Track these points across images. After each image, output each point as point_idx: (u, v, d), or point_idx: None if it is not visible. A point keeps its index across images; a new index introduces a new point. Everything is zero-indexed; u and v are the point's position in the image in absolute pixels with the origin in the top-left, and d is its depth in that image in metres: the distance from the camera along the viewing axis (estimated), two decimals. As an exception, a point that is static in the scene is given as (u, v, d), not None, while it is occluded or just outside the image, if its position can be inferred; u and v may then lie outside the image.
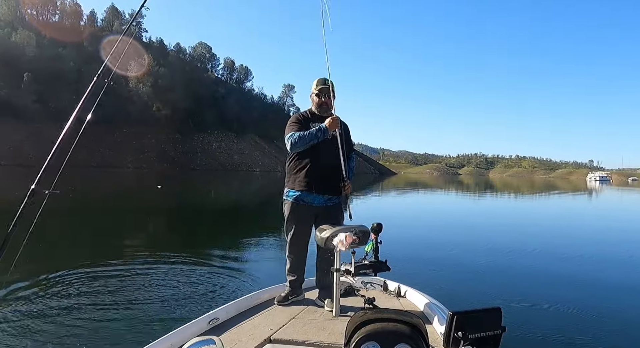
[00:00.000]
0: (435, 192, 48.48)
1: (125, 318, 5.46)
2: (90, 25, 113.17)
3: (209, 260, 8.94)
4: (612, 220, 23.16)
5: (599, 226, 19.95)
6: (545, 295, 7.32)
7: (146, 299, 6.28)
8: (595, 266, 10.14)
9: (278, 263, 8.35)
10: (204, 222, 16.82)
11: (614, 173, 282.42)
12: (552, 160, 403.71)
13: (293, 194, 3.91)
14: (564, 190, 67.55)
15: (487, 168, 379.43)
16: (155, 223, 15.62)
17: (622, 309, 6.68)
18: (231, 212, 21.33)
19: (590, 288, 8.07)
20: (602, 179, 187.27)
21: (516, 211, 28.12)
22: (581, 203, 40.11)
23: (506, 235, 14.75)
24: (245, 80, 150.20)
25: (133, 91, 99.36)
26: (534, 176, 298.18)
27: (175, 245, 11.03)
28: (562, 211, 29.62)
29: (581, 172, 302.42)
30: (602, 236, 16.01)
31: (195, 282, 7.29)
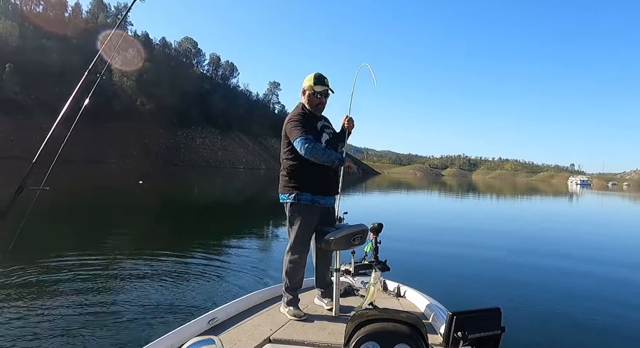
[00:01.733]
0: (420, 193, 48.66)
1: (124, 318, 5.42)
2: (75, 17, 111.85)
3: (208, 260, 8.91)
4: (605, 223, 23.67)
5: (593, 227, 20.29)
6: (545, 295, 7.36)
7: (145, 299, 6.23)
8: (594, 266, 10.20)
9: (275, 262, 8.47)
10: (189, 219, 16.62)
11: (595, 178, 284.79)
12: (534, 163, 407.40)
13: (308, 197, 3.72)
14: (546, 193, 68.11)
15: (470, 170, 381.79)
16: (138, 221, 15.42)
17: (622, 308, 6.73)
18: (216, 209, 21.24)
19: (590, 287, 8.13)
20: (583, 183, 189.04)
21: (509, 212, 28.36)
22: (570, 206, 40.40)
23: (506, 236, 14.82)
24: (231, 76, 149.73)
25: (117, 85, 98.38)
26: (516, 178, 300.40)
27: (169, 244, 10.88)
28: (556, 213, 30.00)
29: (562, 176, 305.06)
30: (599, 237, 16.20)
31: (194, 282, 7.26)
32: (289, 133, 3.72)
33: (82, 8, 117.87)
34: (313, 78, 3.81)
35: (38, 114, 77.56)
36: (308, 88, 3.82)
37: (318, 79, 3.81)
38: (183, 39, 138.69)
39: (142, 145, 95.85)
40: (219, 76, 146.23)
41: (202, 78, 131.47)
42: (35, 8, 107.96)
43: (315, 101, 3.83)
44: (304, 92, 3.86)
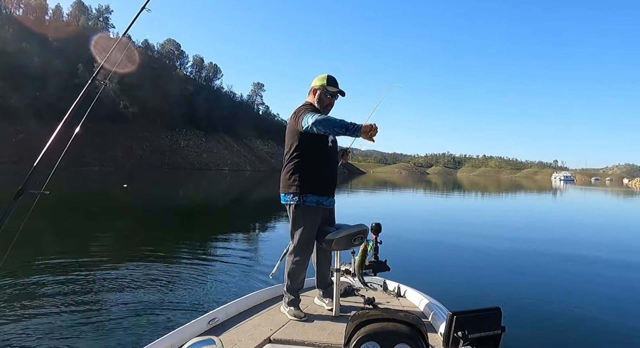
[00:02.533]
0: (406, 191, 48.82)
1: (124, 318, 5.42)
2: (56, 20, 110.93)
3: (207, 261, 8.96)
4: (600, 220, 23.68)
5: (589, 225, 20.44)
6: (545, 294, 7.34)
7: (145, 300, 6.24)
8: (594, 265, 10.19)
9: (274, 262, 8.45)
10: (183, 221, 16.65)
11: (578, 173, 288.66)
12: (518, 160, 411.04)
13: (313, 199, 3.67)
14: (531, 189, 68.76)
15: (455, 168, 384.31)
16: (132, 224, 15.33)
17: (622, 308, 6.72)
18: (210, 211, 21.32)
19: (590, 287, 8.12)
20: (567, 179, 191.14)
21: (504, 211, 28.40)
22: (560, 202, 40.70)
23: (505, 235, 14.74)
24: (215, 78, 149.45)
25: (99, 87, 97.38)
26: (500, 175, 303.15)
27: (167, 245, 10.84)
28: (549, 211, 30.17)
29: (546, 172, 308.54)
30: (598, 235, 16.21)
31: (194, 282, 7.26)
32: (298, 118, 3.56)
33: (63, 11, 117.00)
34: (326, 78, 3.78)
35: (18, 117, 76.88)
36: (319, 87, 3.76)
37: (331, 80, 3.78)
38: (166, 41, 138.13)
39: (126, 148, 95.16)
40: (203, 78, 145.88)
41: (186, 80, 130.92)
42: (15, 11, 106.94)
43: (325, 101, 3.78)
44: (315, 91, 3.78)
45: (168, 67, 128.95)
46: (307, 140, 3.65)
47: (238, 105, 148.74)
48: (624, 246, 13.31)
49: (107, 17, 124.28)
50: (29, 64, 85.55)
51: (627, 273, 9.50)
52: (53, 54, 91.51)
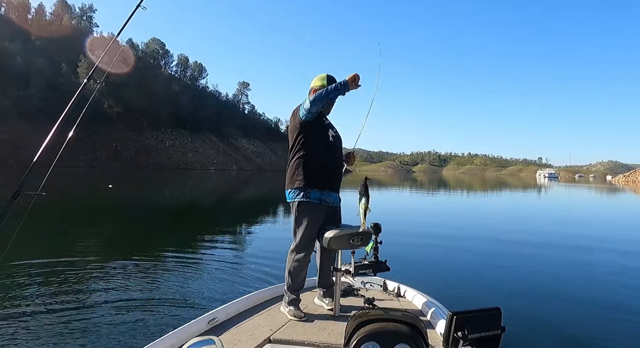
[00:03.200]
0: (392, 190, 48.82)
1: (124, 318, 5.41)
2: (39, 19, 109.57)
3: (207, 261, 8.94)
4: (596, 217, 23.71)
5: (588, 223, 20.42)
6: (545, 294, 7.32)
7: (145, 300, 6.23)
8: (594, 264, 10.16)
9: (274, 262, 8.48)
10: (176, 221, 16.62)
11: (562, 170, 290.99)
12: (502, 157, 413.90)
13: (316, 195, 3.72)
14: (517, 187, 69.17)
15: (440, 166, 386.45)
16: (125, 225, 15.24)
17: (622, 307, 6.69)
18: (201, 211, 21.27)
19: (590, 286, 8.11)
20: (551, 176, 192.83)
21: (498, 210, 28.23)
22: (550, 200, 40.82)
23: (505, 235, 14.66)
24: (200, 77, 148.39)
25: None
26: (485, 173, 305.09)
27: (165, 245, 10.78)
28: (543, 209, 30.15)
29: (531, 169, 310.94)
30: (596, 234, 16.12)
31: (194, 282, 7.26)
32: (296, 113, 3.78)
33: (46, 9, 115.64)
34: (326, 78, 3.84)
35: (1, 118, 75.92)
36: (320, 87, 3.80)
37: (331, 80, 3.82)
38: (150, 40, 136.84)
39: (111, 148, 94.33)
40: (188, 77, 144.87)
41: (171, 79, 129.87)
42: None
43: (330, 102, 3.86)
44: (314, 91, 3.81)
45: (153, 66, 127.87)
46: (307, 136, 3.77)
47: (223, 104, 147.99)
48: (623, 245, 13.27)
49: (91, 16, 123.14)
50: (11, 63, 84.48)
51: (627, 272, 9.49)
52: (36, 53, 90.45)
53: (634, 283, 8.43)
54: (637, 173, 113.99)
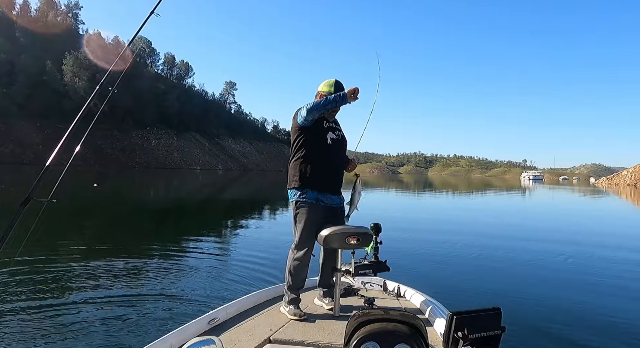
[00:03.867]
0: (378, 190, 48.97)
1: (124, 318, 5.40)
2: (24, 16, 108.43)
3: (207, 261, 8.92)
4: (592, 217, 24.11)
5: (585, 223, 20.63)
6: (545, 294, 7.32)
7: (145, 300, 6.21)
8: (594, 264, 10.21)
9: (273, 262, 8.54)
10: (168, 221, 16.61)
11: (546, 172, 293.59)
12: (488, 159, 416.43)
13: (313, 195, 3.77)
14: (504, 188, 69.62)
15: (426, 167, 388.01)
16: (118, 224, 15.12)
17: (623, 307, 6.72)
18: (189, 211, 21.05)
19: (590, 286, 8.12)
20: (536, 178, 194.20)
21: (494, 209, 28.45)
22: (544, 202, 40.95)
23: (505, 235, 14.69)
24: (186, 76, 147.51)
25: (68, 85, 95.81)
26: (470, 174, 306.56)
27: (162, 245, 10.81)
28: (540, 210, 30.37)
29: (515, 171, 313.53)
30: (593, 233, 16.26)
31: (194, 282, 7.25)
32: (295, 117, 3.87)
33: (31, 6, 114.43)
34: (334, 84, 3.89)
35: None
36: (326, 93, 3.87)
37: (339, 87, 3.88)
38: (136, 38, 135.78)
39: (96, 147, 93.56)
40: (174, 76, 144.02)
41: (157, 78, 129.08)
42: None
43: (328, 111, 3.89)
44: (321, 96, 3.89)
45: (139, 65, 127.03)
46: (305, 138, 3.84)
47: (210, 104, 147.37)
48: (621, 245, 13.36)
49: (77, 13, 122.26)
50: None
51: (627, 271, 9.55)
52: (21, 50, 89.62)
53: (634, 283, 8.48)
54: (620, 176, 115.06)
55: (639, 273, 9.51)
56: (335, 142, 3.90)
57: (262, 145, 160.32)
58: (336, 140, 3.91)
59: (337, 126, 4.01)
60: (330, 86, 3.90)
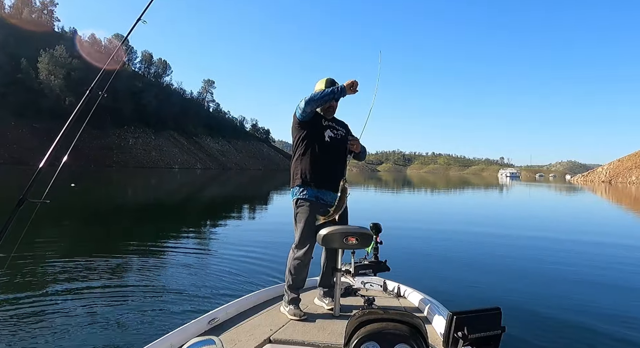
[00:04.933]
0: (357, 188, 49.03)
1: (124, 318, 5.40)
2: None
3: (207, 260, 8.98)
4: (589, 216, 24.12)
5: (583, 222, 20.66)
6: (545, 294, 7.32)
7: (145, 299, 6.21)
8: (595, 264, 10.17)
9: (271, 262, 8.58)
10: (154, 220, 16.59)
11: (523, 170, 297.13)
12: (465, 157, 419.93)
13: (312, 193, 3.81)
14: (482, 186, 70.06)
15: (405, 165, 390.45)
16: (110, 224, 15.00)
17: (623, 306, 6.72)
18: (179, 210, 21.19)
19: (590, 286, 8.14)
20: (513, 175, 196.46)
21: (491, 209, 28.40)
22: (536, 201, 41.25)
23: (505, 235, 14.64)
24: (164, 74, 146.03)
25: (44, 83, 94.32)
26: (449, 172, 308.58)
27: (161, 244, 10.85)
28: (539, 207, 30.58)
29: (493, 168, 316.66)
30: (592, 233, 16.13)
31: (194, 282, 7.23)
32: (294, 114, 3.91)
33: (5, 2, 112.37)
34: (326, 83, 3.91)
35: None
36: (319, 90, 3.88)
37: (331, 84, 3.88)
38: (113, 36, 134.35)
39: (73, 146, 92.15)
40: (152, 74, 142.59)
41: (134, 76, 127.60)
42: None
43: (326, 104, 3.90)
44: None
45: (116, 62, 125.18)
46: (303, 136, 3.89)
47: (188, 102, 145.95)
48: (621, 244, 13.44)
49: (52, 10, 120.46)
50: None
51: (627, 271, 9.57)
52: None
53: (634, 283, 8.55)
54: (595, 173, 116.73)
55: (638, 273, 9.58)
56: (334, 140, 3.92)
57: (241, 144, 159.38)
58: (334, 138, 3.93)
59: (336, 125, 4.02)
60: (322, 84, 3.94)
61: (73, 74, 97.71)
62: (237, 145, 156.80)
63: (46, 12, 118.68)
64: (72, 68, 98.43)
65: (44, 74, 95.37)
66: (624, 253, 11.81)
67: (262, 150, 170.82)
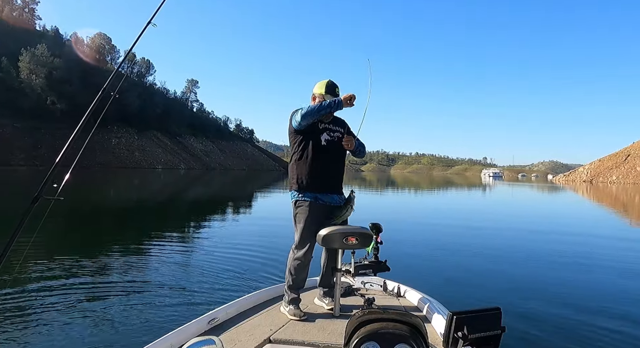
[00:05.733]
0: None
1: (124, 318, 5.41)
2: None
3: (207, 260, 8.92)
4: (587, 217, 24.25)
5: (581, 225, 20.54)
6: (545, 294, 7.32)
7: (145, 299, 6.23)
8: (595, 264, 10.18)
9: (271, 262, 8.64)
10: (153, 220, 16.63)
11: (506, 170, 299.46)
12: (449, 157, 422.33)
13: (311, 194, 3.81)
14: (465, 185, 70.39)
15: (388, 165, 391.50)
16: (105, 223, 14.91)
17: (623, 307, 6.72)
18: (169, 210, 21.29)
19: (591, 286, 8.16)
20: (496, 175, 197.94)
21: (489, 208, 28.49)
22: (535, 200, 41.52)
23: (505, 235, 14.72)
24: (147, 74, 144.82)
25: (25, 82, 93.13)
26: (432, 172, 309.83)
27: (161, 244, 10.83)
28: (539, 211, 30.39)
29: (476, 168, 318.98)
30: (588, 235, 16.13)
31: (194, 282, 7.24)
32: (290, 121, 3.89)
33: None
34: (325, 86, 3.89)
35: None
36: (319, 96, 3.91)
37: (330, 88, 3.88)
38: (96, 34, 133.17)
39: (54, 146, 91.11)
40: (135, 74, 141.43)
41: (117, 76, 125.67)
42: None
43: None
44: (314, 98, 3.94)
45: (98, 62, 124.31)
46: (299, 140, 3.89)
47: (171, 102, 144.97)
48: (621, 243, 13.61)
49: (34, 8, 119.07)
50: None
51: (627, 271, 9.61)
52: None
53: (634, 283, 8.60)
54: (576, 173, 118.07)
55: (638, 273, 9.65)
56: (330, 143, 3.91)
57: (225, 144, 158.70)
58: (331, 141, 3.91)
59: (334, 127, 3.99)
60: (322, 87, 3.92)
61: (55, 73, 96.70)
62: (221, 145, 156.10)
63: (27, 10, 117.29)
64: (54, 67, 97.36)
65: (25, 73, 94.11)
66: (624, 253, 11.94)
67: (246, 150, 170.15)
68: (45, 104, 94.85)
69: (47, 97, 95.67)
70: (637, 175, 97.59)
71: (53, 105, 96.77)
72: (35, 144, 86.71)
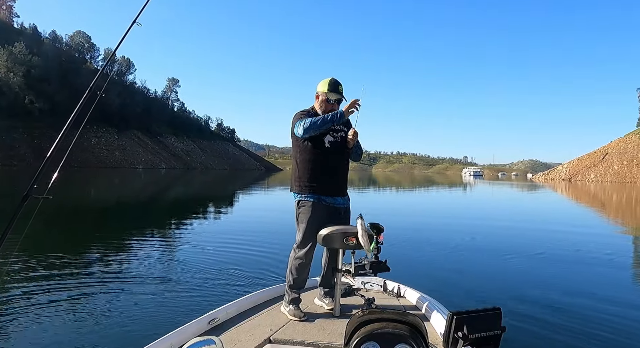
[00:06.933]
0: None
1: (124, 318, 5.37)
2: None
3: (207, 260, 8.83)
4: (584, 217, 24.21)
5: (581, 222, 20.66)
6: (545, 294, 7.27)
7: (145, 299, 6.19)
8: (595, 264, 10.13)
9: (271, 262, 8.59)
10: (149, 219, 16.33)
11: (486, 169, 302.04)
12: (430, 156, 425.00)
13: (314, 196, 3.79)
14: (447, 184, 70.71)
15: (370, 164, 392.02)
16: (103, 223, 14.88)
17: (623, 307, 6.70)
18: (178, 209, 21.12)
19: (591, 286, 8.12)
20: (476, 174, 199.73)
21: (488, 208, 28.27)
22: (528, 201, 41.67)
23: (505, 235, 14.65)
24: (127, 73, 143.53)
25: (2, 80, 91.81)
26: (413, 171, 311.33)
27: (161, 244, 10.87)
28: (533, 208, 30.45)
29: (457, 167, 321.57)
30: (589, 236, 15.93)
31: (195, 282, 7.19)
32: (292, 127, 3.84)
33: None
34: (328, 84, 3.87)
35: None
36: (322, 94, 3.89)
37: (333, 87, 3.87)
38: (75, 32, 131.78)
39: (32, 146, 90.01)
40: (115, 72, 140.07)
41: (96, 74, 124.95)
42: None
43: (328, 107, 3.90)
44: (318, 96, 3.92)
45: (77, 60, 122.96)
46: (301, 144, 3.86)
47: (152, 101, 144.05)
48: (620, 243, 13.71)
49: (11, 5, 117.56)
50: None
51: (627, 271, 9.71)
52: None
53: (634, 283, 8.68)
54: (555, 171, 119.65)
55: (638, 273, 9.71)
56: (334, 144, 3.87)
57: (206, 143, 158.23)
58: (334, 142, 3.88)
59: (337, 127, 3.94)
60: (324, 85, 3.90)
61: (33, 71, 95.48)
62: (202, 145, 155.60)
63: (5, 7, 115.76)
64: (32, 66, 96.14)
65: (3, 72, 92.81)
66: (624, 252, 12.11)
67: (227, 150, 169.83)
68: (23, 103, 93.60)
69: (25, 96, 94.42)
70: (615, 173, 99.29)
71: (31, 104, 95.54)
72: (12, 144, 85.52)
